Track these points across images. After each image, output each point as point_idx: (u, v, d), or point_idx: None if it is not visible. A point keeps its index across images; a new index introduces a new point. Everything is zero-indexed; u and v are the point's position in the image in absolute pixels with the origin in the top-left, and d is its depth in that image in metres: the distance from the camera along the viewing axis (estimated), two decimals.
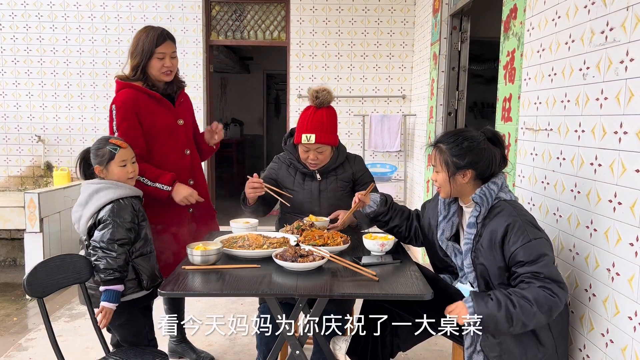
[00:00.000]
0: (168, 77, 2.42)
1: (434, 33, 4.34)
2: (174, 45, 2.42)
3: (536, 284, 1.62)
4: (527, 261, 1.66)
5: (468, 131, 1.87)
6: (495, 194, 1.79)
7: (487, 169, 1.81)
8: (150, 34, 2.35)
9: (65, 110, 5.36)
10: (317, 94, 2.45)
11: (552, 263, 1.67)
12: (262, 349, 2.44)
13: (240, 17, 5.50)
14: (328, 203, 2.53)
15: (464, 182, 1.82)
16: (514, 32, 2.54)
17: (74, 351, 2.96)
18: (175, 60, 2.42)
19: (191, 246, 1.93)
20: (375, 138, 5.21)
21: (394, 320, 2.07)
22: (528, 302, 1.60)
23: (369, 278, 1.77)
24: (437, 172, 1.88)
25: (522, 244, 1.67)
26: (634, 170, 1.55)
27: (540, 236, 1.70)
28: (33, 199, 4.15)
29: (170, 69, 2.40)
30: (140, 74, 2.37)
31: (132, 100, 2.36)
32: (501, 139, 1.90)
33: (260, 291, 1.67)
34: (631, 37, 1.58)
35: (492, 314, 1.62)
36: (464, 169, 1.80)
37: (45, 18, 5.27)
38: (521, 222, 1.70)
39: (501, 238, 1.72)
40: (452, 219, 1.96)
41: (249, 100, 9.45)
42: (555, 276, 1.64)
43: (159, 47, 2.34)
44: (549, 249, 1.70)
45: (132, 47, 2.39)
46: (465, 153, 1.80)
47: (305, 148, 2.45)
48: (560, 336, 1.76)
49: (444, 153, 1.84)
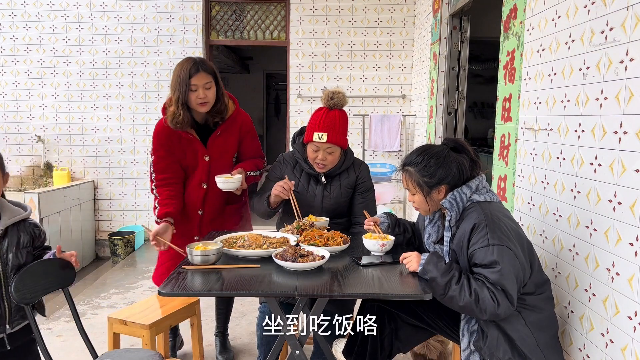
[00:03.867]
0: (204, 108, 2.41)
1: (434, 33, 4.34)
2: (208, 75, 2.38)
3: (486, 284, 1.64)
4: (480, 264, 1.68)
5: (431, 148, 1.89)
6: (468, 197, 1.79)
7: (459, 178, 1.83)
8: (184, 66, 2.35)
9: (65, 110, 5.36)
10: (332, 94, 2.45)
11: (507, 272, 1.63)
12: (263, 349, 2.44)
13: (240, 17, 5.50)
14: (330, 208, 2.53)
15: (440, 197, 1.85)
16: (514, 32, 2.54)
17: (73, 351, 2.96)
18: (210, 92, 2.39)
19: (191, 246, 1.93)
20: (375, 138, 5.21)
21: (394, 321, 2.07)
22: (470, 290, 1.64)
23: (369, 278, 1.78)
24: (413, 194, 1.90)
25: (480, 246, 1.68)
26: (634, 170, 1.55)
27: (500, 243, 1.66)
28: (33, 199, 4.16)
29: (204, 100, 2.38)
30: (183, 108, 2.38)
31: (165, 134, 2.46)
32: (464, 145, 1.91)
33: (260, 291, 1.67)
34: (631, 37, 1.58)
35: (435, 275, 1.70)
36: (437, 185, 1.83)
37: (45, 18, 5.27)
38: (485, 224, 1.70)
39: (467, 239, 1.74)
40: (437, 223, 1.98)
41: (249, 100, 9.45)
42: (504, 285, 1.62)
43: (192, 79, 2.33)
44: (507, 257, 1.65)
45: (172, 79, 2.42)
46: (434, 171, 1.82)
47: (315, 147, 2.44)
48: (548, 347, 1.74)
49: (413, 175, 1.86)
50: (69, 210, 4.70)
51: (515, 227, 1.77)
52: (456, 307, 1.69)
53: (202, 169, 2.52)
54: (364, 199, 2.58)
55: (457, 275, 1.69)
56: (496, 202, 1.82)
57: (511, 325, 1.70)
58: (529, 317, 1.72)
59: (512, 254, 1.66)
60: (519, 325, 1.71)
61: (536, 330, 1.72)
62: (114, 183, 5.43)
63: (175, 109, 2.38)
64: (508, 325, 1.71)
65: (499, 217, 1.73)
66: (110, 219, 5.52)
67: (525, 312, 1.72)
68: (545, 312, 1.76)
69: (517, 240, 1.71)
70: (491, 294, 1.62)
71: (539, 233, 2.20)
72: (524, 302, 1.73)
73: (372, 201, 2.61)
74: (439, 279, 1.68)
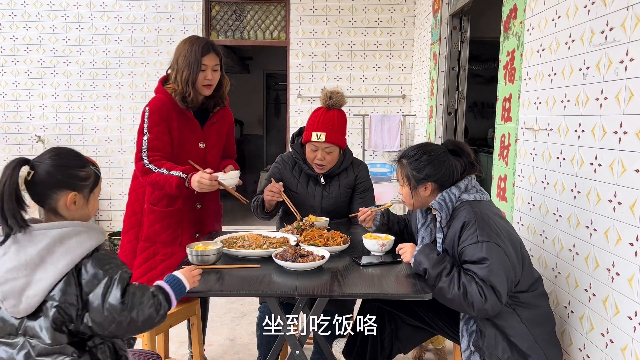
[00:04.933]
0: (207, 91, 2.33)
1: (434, 33, 4.34)
2: (217, 58, 2.32)
3: (475, 279, 1.65)
4: (469, 260, 1.70)
5: (429, 145, 1.93)
6: (457, 197, 1.81)
7: (448, 180, 1.85)
8: (195, 45, 2.27)
9: (65, 110, 5.36)
10: (331, 94, 2.45)
11: (496, 268, 1.64)
12: (263, 349, 2.44)
13: (240, 17, 5.50)
14: (328, 208, 2.53)
15: (426, 194, 1.87)
16: (514, 32, 2.54)
17: None
18: (216, 74, 2.32)
19: (191, 246, 1.93)
20: (375, 138, 5.22)
21: (394, 321, 2.07)
22: (459, 283, 1.66)
23: (369, 278, 1.78)
24: (402, 186, 1.94)
25: (469, 243, 1.70)
26: (634, 170, 1.55)
27: (490, 240, 1.67)
28: None
29: (211, 82, 2.31)
30: (191, 88, 2.27)
31: (166, 110, 2.31)
32: (464, 148, 1.93)
33: (260, 291, 1.67)
34: (631, 37, 1.58)
35: (426, 266, 1.73)
36: (424, 181, 1.85)
37: (45, 18, 5.27)
38: (475, 221, 1.71)
39: (458, 237, 1.75)
40: (429, 225, 1.99)
41: (249, 100, 9.45)
42: (493, 282, 1.63)
43: (204, 59, 2.26)
44: (496, 253, 1.66)
45: (175, 58, 2.31)
46: (423, 166, 1.85)
47: (313, 147, 2.44)
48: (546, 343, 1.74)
49: (405, 167, 1.89)
50: None
51: (506, 225, 1.78)
52: (445, 299, 1.70)
53: (199, 156, 2.38)
54: (363, 199, 2.58)
55: (449, 267, 1.70)
56: (486, 201, 1.83)
57: (507, 323, 1.71)
58: (523, 314, 1.73)
59: (501, 250, 1.67)
60: (514, 322, 1.71)
61: (532, 327, 1.72)
62: (114, 183, 5.43)
63: (184, 88, 2.26)
64: (504, 323, 1.71)
65: (489, 215, 1.75)
66: (110, 219, 5.52)
67: (519, 309, 1.73)
68: (540, 308, 1.77)
69: (507, 238, 1.73)
70: (479, 288, 1.63)
71: (539, 233, 2.20)
72: (518, 300, 1.74)
73: (371, 201, 2.61)
74: (430, 270, 1.71)
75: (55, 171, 1.38)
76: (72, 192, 1.38)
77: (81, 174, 1.42)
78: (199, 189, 2.14)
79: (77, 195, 1.39)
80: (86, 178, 1.43)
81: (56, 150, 1.44)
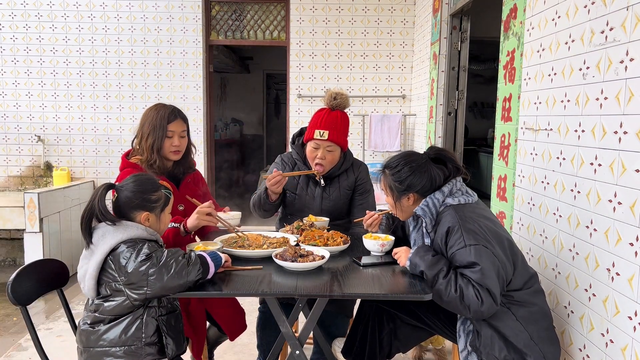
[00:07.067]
0: (176, 156, 2.29)
1: (434, 33, 4.34)
2: (184, 124, 2.29)
3: (471, 282, 1.66)
4: (461, 265, 1.71)
5: (411, 155, 1.93)
6: (441, 202, 1.82)
7: (429, 189, 1.86)
8: (160, 112, 2.24)
9: (65, 110, 5.36)
10: (335, 95, 2.46)
11: (487, 270, 1.65)
12: (263, 349, 2.44)
13: (240, 17, 5.50)
14: (328, 210, 2.53)
15: (409, 204, 1.89)
16: (514, 32, 2.54)
17: (73, 351, 2.95)
18: (184, 140, 2.29)
19: (191, 246, 1.93)
20: (375, 138, 5.22)
21: (393, 321, 2.07)
22: (456, 286, 1.67)
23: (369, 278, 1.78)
24: (386, 195, 1.96)
25: (457, 248, 1.71)
26: (634, 170, 1.55)
27: (477, 242, 1.68)
28: (33, 199, 4.16)
29: (179, 148, 2.27)
30: (156, 155, 2.22)
31: None
32: (447, 155, 1.94)
33: (260, 291, 1.67)
34: (631, 36, 1.58)
35: (422, 268, 1.74)
36: (406, 192, 1.87)
37: (45, 18, 5.27)
38: (460, 226, 1.72)
39: (444, 242, 1.76)
40: (421, 229, 1.99)
41: (249, 100, 9.45)
42: (487, 285, 1.64)
43: (170, 125, 2.22)
44: (485, 255, 1.67)
45: (141, 125, 2.26)
46: (405, 178, 1.86)
47: (315, 145, 2.43)
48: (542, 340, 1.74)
49: (387, 178, 1.92)
50: (69, 210, 4.70)
51: (493, 226, 1.78)
52: (441, 301, 1.71)
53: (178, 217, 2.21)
54: (364, 200, 2.58)
55: (445, 269, 1.71)
56: (471, 204, 1.84)
57: (502, 322, 1.72)
58: (518, 312, 1.73)
59: (489, 252, 1.68)
60: (509, 321, 1.72)
61: (528, 325, 1.72)
62: None
63: (149, 155, 2.22)
64: (499, 322, 1.72)
65: (473, 217, 1.76)
66: None
67: (514, 308, 1.73)
68: (535, 305, 1.77)
69: (495, 238, 1.73)
70: (476, 291, 1.64)
71: (539, 233, 2.20)
72: (512, 299, 1.74)
73: (371, 202, 2.61)
74: (427, 272, 1.72)
75: (133, 196, 1.74)
76: (145, 212, 1.74)
77: (153, 197, 1.76)
78: (197, 221, 2.06)
79: (150, 214, 1.75)
80: (157, 200, 1.77)
81: (136, 178, 1.79)
